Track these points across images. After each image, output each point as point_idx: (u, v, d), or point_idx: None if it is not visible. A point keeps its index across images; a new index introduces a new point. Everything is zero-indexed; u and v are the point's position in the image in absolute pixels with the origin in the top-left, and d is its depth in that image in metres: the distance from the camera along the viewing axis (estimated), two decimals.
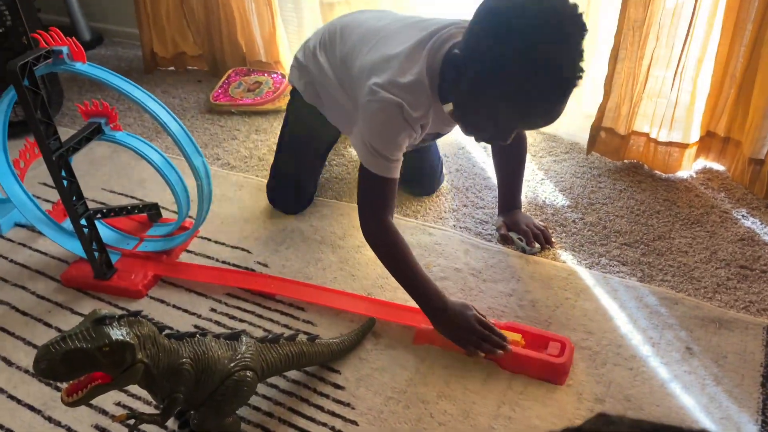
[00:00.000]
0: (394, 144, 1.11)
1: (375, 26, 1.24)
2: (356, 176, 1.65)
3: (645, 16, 1.41)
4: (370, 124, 1.11)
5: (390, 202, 1.16)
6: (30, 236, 1.51)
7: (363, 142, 1.12)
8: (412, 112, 1.09)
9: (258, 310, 1.27)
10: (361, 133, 1.13)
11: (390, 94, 1.08)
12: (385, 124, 1.10)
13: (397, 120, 1.09)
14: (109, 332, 0.80)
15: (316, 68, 1.35)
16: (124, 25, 2.64)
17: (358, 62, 1.19)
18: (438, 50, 1.10)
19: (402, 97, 1.08)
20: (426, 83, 1.09)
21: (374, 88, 1.09)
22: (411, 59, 1.10)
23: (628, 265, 1.33)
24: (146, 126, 1.99)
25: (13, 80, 1.10)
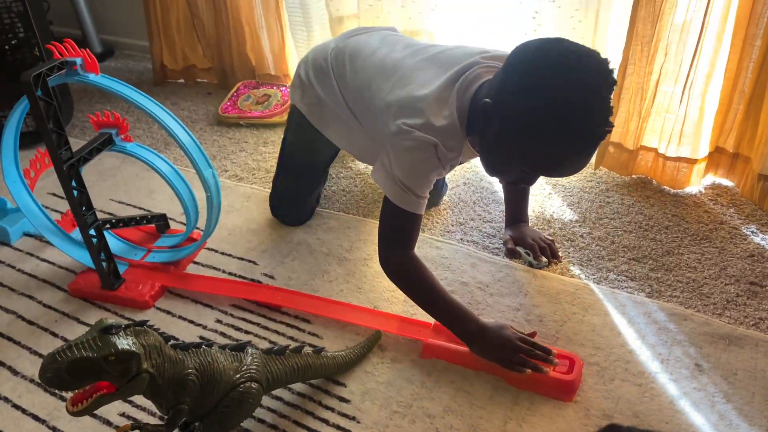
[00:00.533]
0: (425, 182, 1.13)
1: (390, 58, 1.24)
2: (362, 189, 1.66)
3: (653, 32, 1.42)
4: (401, 162, 1.11)
5: (415, 235, 1.17)
6: (38, 246, 1.52)
7: (392, 178, 1.12)
8: (447, 152, 1.10)
9: (264, 322, 1.27)
10: (389, 168, 1.12)
11: (425, 134, 1.08)
12: (419, 162, 1.11)
13: (431, 159, 1.10)
14: (115, 341, 0.80)
15: (324, 91, 1.35)
16: (134, 38, 2.67)
17: (381, 98, 1.19)
18: (466, 91, 1.11)
19: (438, 138, 1.09)
20: (458, 126, 1.10)
21: (406, 129, 1.09)
22: (441, 102, 1.11)
23: (637, 281, 1.32)
24: (156, 137, 2.00)
25: (26, 90, 1.11)
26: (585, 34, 1.55)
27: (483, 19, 1.69)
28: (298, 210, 1.54)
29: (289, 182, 1.52)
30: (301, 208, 1.54)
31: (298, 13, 1.88)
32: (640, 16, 1.42)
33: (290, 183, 1.52)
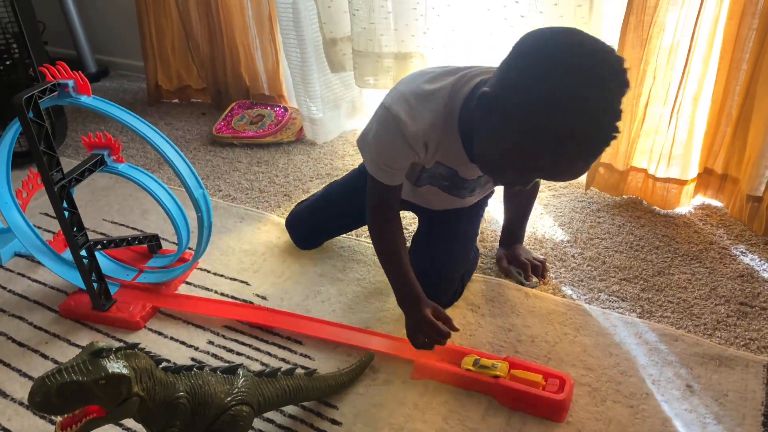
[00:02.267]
0: (392, 157, 1.11)
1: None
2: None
3: (642, 55, 1.44)
4: (374, 133, 1.12)
5: (391, 203, 1.19)
6: (29, 266, 1.51)
7: (367, 149, 1.15)
8: (410, 124, 1.05)
9: (256, 343, 1.26)
10: (368, 137, 1.14)
11: (395, 106, 1.06)
12: (384, 136, 1.10)
13: (396, 136, 1.07)
14: (105, 365, 0.80)
15: None
16: (129, 58, 2.69)
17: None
18: (463, 86, 1.06)
19: (405, 109, 1.05)
20: (441, 102, 1.05)
21: (386, 105, 1.09)
22: (435, 81, 1.08)
23: (628, 301, 1.33)
24: (149, 157, 2.01)
25: (18, 113, 1.11)
26: None
27: (474, 38, 1.71)
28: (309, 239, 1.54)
29: (318, 213, 1.50)
30: (313, 240, 1.54)
31: (292, 35, 1.89)
32: (629, 40, 1.44)
33: (319, 214, 1.50)
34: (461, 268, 1.34)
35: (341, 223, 1.51)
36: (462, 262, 1.34)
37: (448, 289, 1.31)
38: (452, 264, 1.32)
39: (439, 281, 1.28)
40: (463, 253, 1.35)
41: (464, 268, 1.35)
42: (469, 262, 1.38)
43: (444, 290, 1.30)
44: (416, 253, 1.31)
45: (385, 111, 1.09)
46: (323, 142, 2.06)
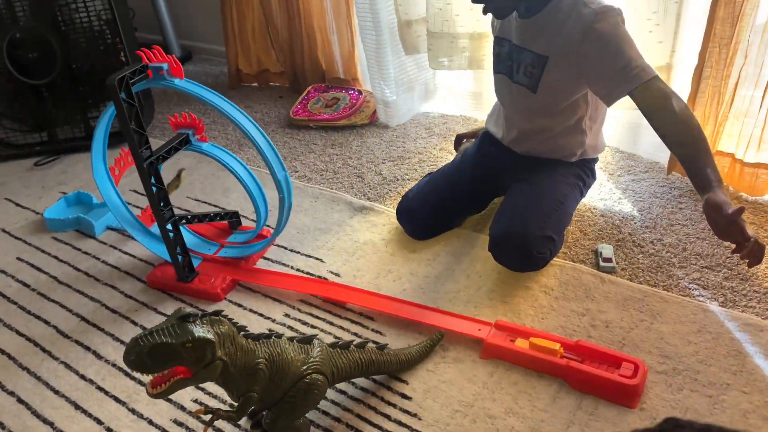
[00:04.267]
0: None
1: None
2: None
3: (733, 33, 1.37)
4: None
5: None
6: (120, 239, 1.61)
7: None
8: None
9: (329, 318, 1.30)
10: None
11: None
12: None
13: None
14: (192, 329, 0.85)
15: None
16: (211, 43, 2.78)
17: None
18: None
19: None
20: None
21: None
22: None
23: (709, 289, 1.28)
24: (230, 138, 2.09)
25: (111, 93, 1.18)
26: (664, 36, 1.51)
27: None
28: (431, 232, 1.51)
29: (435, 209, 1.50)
30: (435, 232, 1.52)
31: (368, 18, 1.91)
32: (719, 17, 1.37)
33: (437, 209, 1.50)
34: (548, 225, 1.31)
35: (459, 214, 1.53)
36: (549, 218, 1.32)
37: (537, 244, 1.29)
38: (539, 215, 1.31)
39: (529, 224, 1.29)
40: (551, 211, 1.33)
41: (552, 228, 1.31)
42: (556, 225, 1.33)
43: (533, 243, 1.28)
44: (506, 212, 1.35)
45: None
46: (396, 125, 2.08)
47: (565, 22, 1.22)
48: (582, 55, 1.21)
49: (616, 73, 1.17)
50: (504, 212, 1.36)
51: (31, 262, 1.55)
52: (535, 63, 1.29)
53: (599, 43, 1.18)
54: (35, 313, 1.38)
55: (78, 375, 1.21)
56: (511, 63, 1.36)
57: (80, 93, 2.06)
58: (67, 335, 1.31)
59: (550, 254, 1.34)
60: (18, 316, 1.38)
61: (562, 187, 1.40)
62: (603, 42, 1.18)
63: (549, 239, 1.30)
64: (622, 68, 1.16)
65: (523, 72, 1.32)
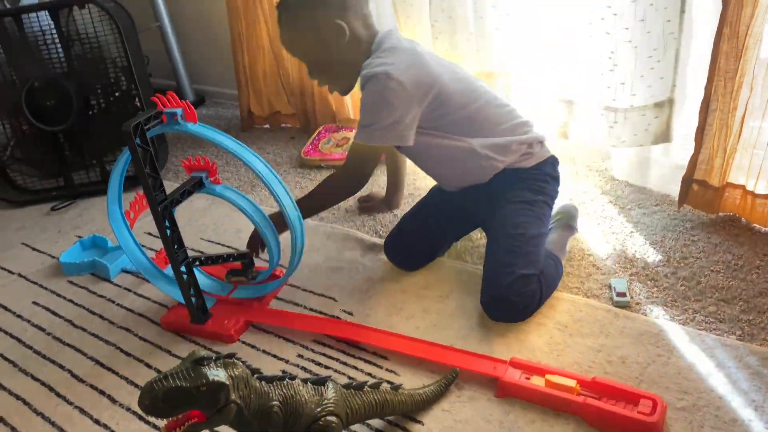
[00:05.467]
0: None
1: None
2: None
3: (737, 67, 1.39)
4: None
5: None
6: (135, 282, 1.62)
7: None
8: None
9: (343, 358, 1.30)
10: None
11: None
12: None
13: None
14: (206, 373, 0.85)
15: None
16: (224, 87, 2.84)
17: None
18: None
19: None
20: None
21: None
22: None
23: (726, 323, 1.27)
24: (243, 180, 2.11)
25: (126, 139, 1.21)
26: (664, 73, 1.54)
27: (560, 55, 1.70)
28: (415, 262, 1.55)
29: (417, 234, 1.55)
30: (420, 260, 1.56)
31: None
32: (723, 51, 1.39)
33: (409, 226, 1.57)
34: (518, 264, 1.29)
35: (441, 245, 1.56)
36: (518, 256, 1.30)
37: (515, 287, 1.27)
38: (502, 261, 1.31)
39: (500, 276, 1.30)
40: (519, 248, 1.32)
41: (524, 264, 1.29)
42: (527, 258, 1.31)
43: (511, 288, 1.27)
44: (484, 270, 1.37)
45: None
46: None
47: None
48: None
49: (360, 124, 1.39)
50: (484, 273, 1.36)
51: (47, 306, 1.56)
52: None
53: (363, 100, 1.38)
54: (50, 357, 1.39)
55: (92, 420, 1.21)
56: None
57: (96, 138, 2.11)
58: (82, 379, 1.32)
59: (540, 289, 1.31)
60: (33, 361, 1.38)
61: (514, 217, 1.38)
62: (363, 99, 1.38)
63: (525, 277, 1.28)
64: (359, 124, 1.38)
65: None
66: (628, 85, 1.57)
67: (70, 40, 2.01)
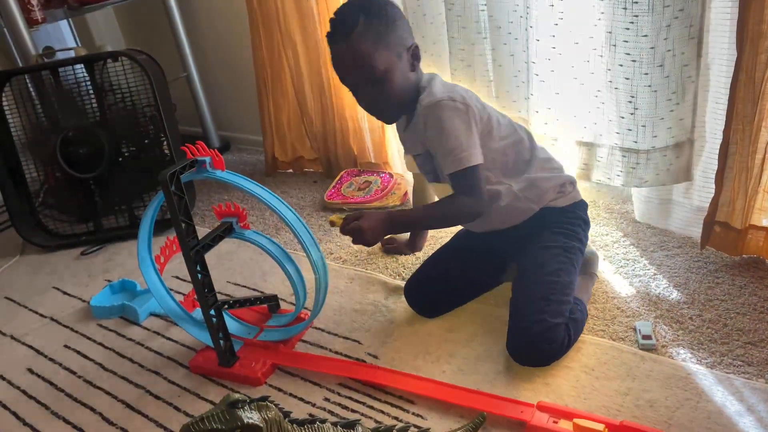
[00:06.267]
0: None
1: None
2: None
3: (755, 111, 1.41)
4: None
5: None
6: (163, 325, 1.65)
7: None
8: None
9: (369, 401, 1.31)
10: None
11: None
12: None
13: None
14: (241, 415, 0.87)
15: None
16: (248, 133, 2.92)
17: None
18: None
19: None
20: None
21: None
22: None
23: (755, 366, 1.26)
24: (267, 223, 2.16)
25: (163, 187, 1.26)
26: (684, 114, 1.56)
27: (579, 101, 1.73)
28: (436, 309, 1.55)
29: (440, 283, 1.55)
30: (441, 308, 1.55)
31: None
32: (740, 97, 1.41)
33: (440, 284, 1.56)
34: (549, 313, 1.30)
35: (457, 290, 1.56)
36: (546, 305, 1.31)
37: (546, 336, 1.28)
38: (533, 309, 1.31)
39: (530, 324, 1.29)
40: (552, 295, 1.33)
41: (554, 314, 1.30)
42: (558, 307, 1.32)
43: (541, 338, 1.28)
44: (510, 313, 1.38)
45: None
46: None
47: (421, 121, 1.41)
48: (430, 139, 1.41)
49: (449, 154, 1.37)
50: (510, 316, 1.37)
51: (78, 349, 1.59)
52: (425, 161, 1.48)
53: (435, 129, 1.37)
54: (81, 401, 1.41)
55: None
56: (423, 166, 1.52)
57: (125, 184, 2.17)
58: (112, 422, 1.33)
59: (567, 335, 1.32)
60: (65, 404, 1.41)
61: (550, 264, 1.39)
62: (437, 127, 1.37)
63: (555, 326, 1.29)
64: (452, 151, 1.35)
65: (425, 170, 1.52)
66: (649, 127, 1.60)
67: (104, 91, 2.10)
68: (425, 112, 1.38)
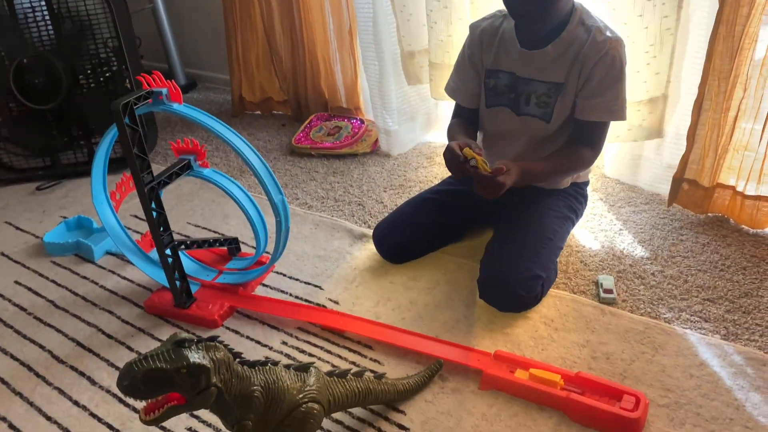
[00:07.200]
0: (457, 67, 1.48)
1: None
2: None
3: (731, 68, 1.38)
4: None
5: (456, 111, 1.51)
6: (119, 264, 1.61)
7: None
8: (476, 21, 1.42)
9: (327, 346, 1.29)
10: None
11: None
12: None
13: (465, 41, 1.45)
14: (187, 355, 0.83)
15: None
16: (216, 72, 2.82)
17: None
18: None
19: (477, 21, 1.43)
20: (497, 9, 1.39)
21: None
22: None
23: (711, 322, 1.27)
24: (232, 165, 2.09)
25: (115, 118, 1.19)
26: (660, 68, 1.53)
27: None
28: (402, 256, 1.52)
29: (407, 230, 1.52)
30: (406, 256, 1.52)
31: (371, 48, 1.93)
32: (718, 51, 1.39)
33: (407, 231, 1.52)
34: (536, 264, 1.31)
35: (429, 240, 1.53)
36: (536, 256, 1.32)
37: (525, 285, 1.28)
38: (525, 255, 1.32)
39: (514, 272, 1.29)
40: (538, 249, 1.34)
41: (540, 267, 1.31)
42: (545, 263, 1.33)
43: (521, 284, 1.28)
44: (493, 252, 1.37)
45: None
46: (397, 154, 2.09)
47: (582, 50, 1.28)
48: (590, 76, 1.29)
49: (605, 101, 1.30)
50: (491, 255, 1.37)
51: (29, 286, 1.54)
52: (550, 92, 1.32)
53: (606, 69, 1.27)
54: (30, 338, 1.37)
55: (71, 401, 1.20)
56: (514, 95, 1.37)
57: (84, 118, 2.08)
58: (62, 360, 1.30)
59: (541, 290, 1.33)
60: (13, 340, 1.36)
61: (550, 222, 1.40)
62: (608, 68, 1.27)
63: (537, 278, 1.30)
64: (611, 99, 1.29)
65: (536, 103, 1.34)
66: None
67: (61, 17, 1.98)
68: (598, 46, 1.26)
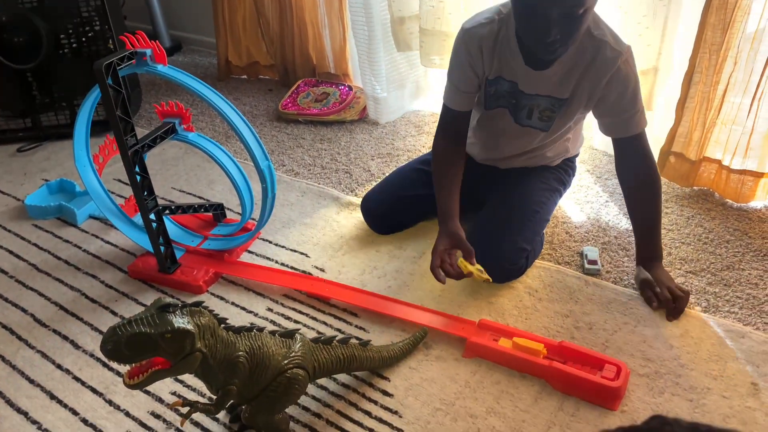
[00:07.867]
0: (453, 71, 1.31)
1: None
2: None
3: (723, 40, 1.38)
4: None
5: (444, 126, 1.36)
6: (102, 228, 1.59)
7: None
8: (467, 25, 1.26)
9: (312, 313, 1.29)
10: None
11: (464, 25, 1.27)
12: (453, 52, 1.30)
13: (459, 46, 1.28)
14: (171, 320, 0.83)
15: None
16: (202, 34, 2.76)
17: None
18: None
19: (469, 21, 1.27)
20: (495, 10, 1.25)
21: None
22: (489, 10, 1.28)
23: (693, 294, 1.29)
24: (218, 130, 2.07)
25: (98, 78, 1.16)
26: (652, 40, 1.52)
27: None
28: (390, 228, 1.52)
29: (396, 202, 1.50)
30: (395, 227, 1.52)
31: (360, 13, 1.90)
32: (710, 23, 1.38)
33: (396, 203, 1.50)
34: (522, 236, 1.31)
35: (417, 211, 1.52)
36: (522, 228, 1.32)
37: (511, 257, 1.29)
38: (511, 228, 1.32)
39: (500, 244, 1.29)
40: (524, 221, 1.34)
41: (526, 239, 1.31)
42: (531, 235, 1.33)
43: (506, 256, 1.29)
44: (480, 225, 1.36)
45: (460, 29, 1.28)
46: (386, 122, 2.07)
47: (590, 67, 1.20)
48: (604, 95, 1.23)
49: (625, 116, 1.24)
50: (478, 226, 1.36)
51: (10, 249, 1.52)
52: (554, 107, 1.28)
53: (623, 86, 1.21)
54: (12, 301, 1.36)
55: (54, 365, 1.19)
56: (515, 102, 1.30)
57: (66, 79, 2.03)
58: (45, 324, 1.29)
59: (526, 262, 1.34)
60: None
61: (538, 195, 1.39)
62: (624, 85, 1.21)
63: (522, 250, 1.31)
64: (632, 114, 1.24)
65: (538, 117, 1.31)
66: None
67: None
68: (608, 63, 1.18)
